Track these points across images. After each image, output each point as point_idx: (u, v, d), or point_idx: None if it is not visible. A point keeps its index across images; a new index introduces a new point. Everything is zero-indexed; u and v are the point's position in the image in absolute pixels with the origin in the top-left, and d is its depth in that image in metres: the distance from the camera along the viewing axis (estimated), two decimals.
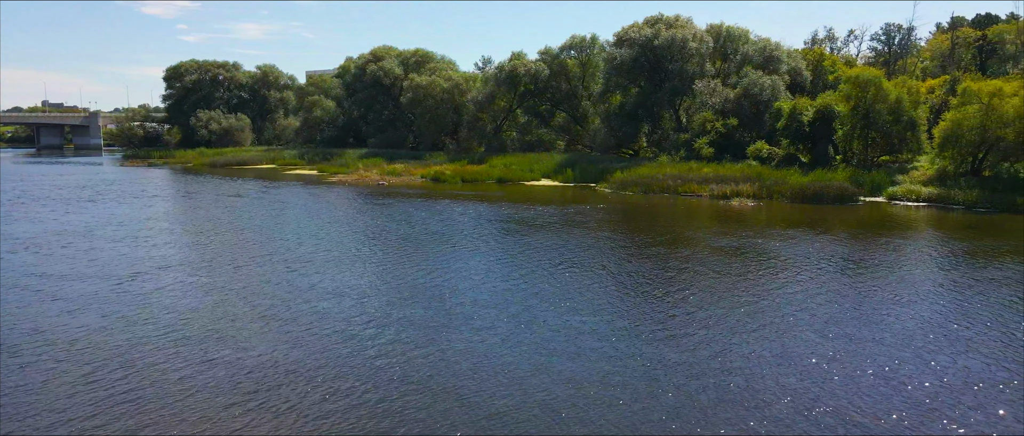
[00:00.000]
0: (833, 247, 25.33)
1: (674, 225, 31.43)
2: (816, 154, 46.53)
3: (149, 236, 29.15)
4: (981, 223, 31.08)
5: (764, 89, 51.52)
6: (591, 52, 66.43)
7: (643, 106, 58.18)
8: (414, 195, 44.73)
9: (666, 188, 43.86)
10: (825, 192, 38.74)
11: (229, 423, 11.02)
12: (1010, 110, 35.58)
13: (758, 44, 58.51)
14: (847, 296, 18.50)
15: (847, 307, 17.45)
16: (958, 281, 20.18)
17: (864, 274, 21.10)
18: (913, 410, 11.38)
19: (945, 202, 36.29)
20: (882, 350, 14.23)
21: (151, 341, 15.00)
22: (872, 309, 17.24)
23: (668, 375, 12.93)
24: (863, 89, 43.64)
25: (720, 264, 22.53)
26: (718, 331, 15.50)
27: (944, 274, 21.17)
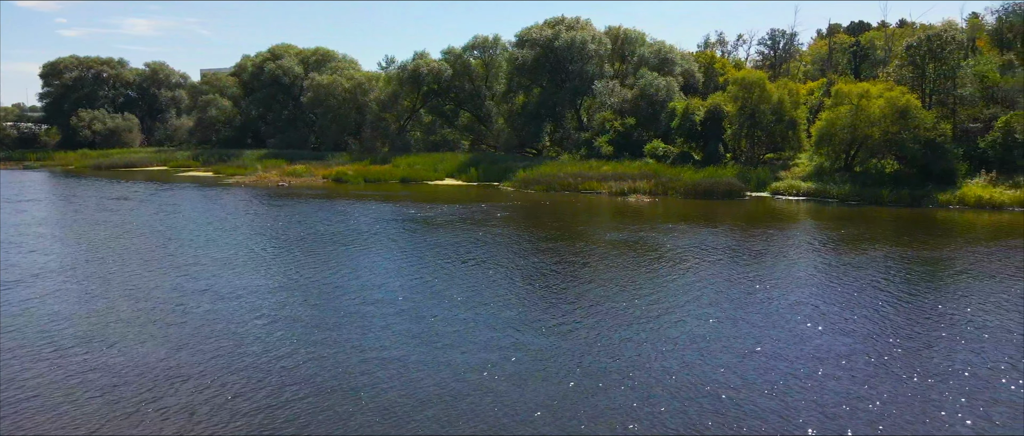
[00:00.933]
0: (722, 239, 26.79)
1: (575, 221, 32.32)
2: (708, 152, 48.84)
3: (25, 241, 27.38)
4: (852, 214, 33.60)
5: (660, 90, 53.61)
6: (494, 52, 67.14)
7: (545, 106, 59.35)
8: (316, 196, 43.91)
9: (568, 186, 44.94)
10: (716, 188, 40.79)
11: (114, 427, 10.67)
12: (876, 110, 38.58)
13: (654, 47, 60.87)
14: (732, 283, 19.67)
15: (731, 293, 18.57)
16: (832, 266, 21.84)
17: (748, 263, 22.47)
18: (784, 383, 12.33)
19: (821, 196, 38.96)
20: (759, 331, 15.28)
21: (31, 348, 14.22)
22: (753, 294, 18.43)
23: (557, 363, 13.44)
24: (749, 90, 46.18)
25: (616, 257, 23.42)
26: (609, 319, 16.19)
27: (819, 261, 22.83)
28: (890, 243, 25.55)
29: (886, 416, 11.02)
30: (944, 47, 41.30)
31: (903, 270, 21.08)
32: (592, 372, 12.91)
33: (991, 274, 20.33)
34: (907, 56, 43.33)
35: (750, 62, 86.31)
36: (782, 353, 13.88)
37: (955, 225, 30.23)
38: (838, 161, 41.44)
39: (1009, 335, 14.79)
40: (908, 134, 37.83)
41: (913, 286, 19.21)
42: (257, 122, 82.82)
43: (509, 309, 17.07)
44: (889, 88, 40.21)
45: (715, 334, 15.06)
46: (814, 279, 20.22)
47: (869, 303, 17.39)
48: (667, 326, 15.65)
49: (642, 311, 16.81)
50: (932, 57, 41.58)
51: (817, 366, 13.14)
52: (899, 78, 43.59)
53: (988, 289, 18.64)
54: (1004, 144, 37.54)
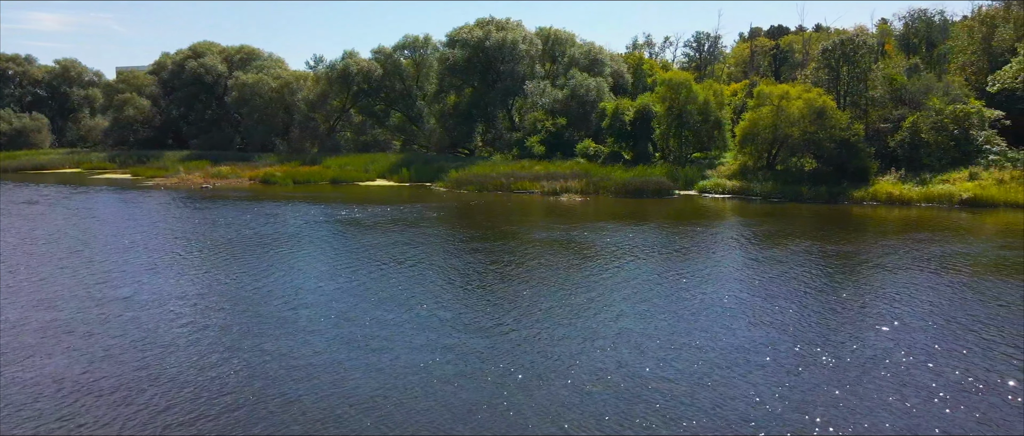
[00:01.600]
0: (652, 237, 27.39)
1: (508, 221, 32.44)
2: (637, 151, 49.81)
3: None
4: (775, 211, 34.89)
5: (590, 90, 54.36)
6: (425, 52, 66.72)
7: (477, 106, 59.37)
8: (243, 198, 42.63)
9: (500, 186, 45.05)
10: (646, 187, 41.67)
11: None
12: (795, 111, 40.19)
13: (584, 48, 61.69)
14: (662, 279, 20.14)
15: (662, 289, 19.01)
16: (756, 261, 22.63)
17: (678, 259, 23.05)
18: (716, 375, 12.71)
19: (746, 194, 40.33)
20: (690, 325, 15.70)
21: None
22: (683, 290, 18.92)
23: (493, 364, 13.48)
24: (676, 91, 47.34)
25: (549, 256, 23.64)
26: (543, 318, 16.33)
27: (744, 256, 23.63)
28: (810, 238, 26.66)
29: (815, 404, 11.50)
30: (856, 51, 43.34)
31: (822, 264, 22.04)
32: (528, 372, 13.00)
33: (903, 267, 21.47)
34: (823, 59, 45.26)
35: (677, 63, 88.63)
36: (713, 346, 14.30)
37: (869, 220, 31.79)
38: (761, 160, 42.96)
39: (923, 323, 15.66)
40: (825, 134, 39.55)
41: (832, 279, 20.11)
42: (178, 122, 79.80)
43: (443, 310, 17.01)
44: (807, 90, 41.94)
45: (647, 330, 15.39)
46: (740, 274, 20.91)
47: (792, 296, 18.11)
48: (600, 323, 15.89)
49: (575, 309, 17.03)
50: (845, 60, 43.59)
51: (746, 357, 13.59)
52: (816, 80, 45.50)
53: (899, 281, 19.68)
54: (911, 143, 39.70)
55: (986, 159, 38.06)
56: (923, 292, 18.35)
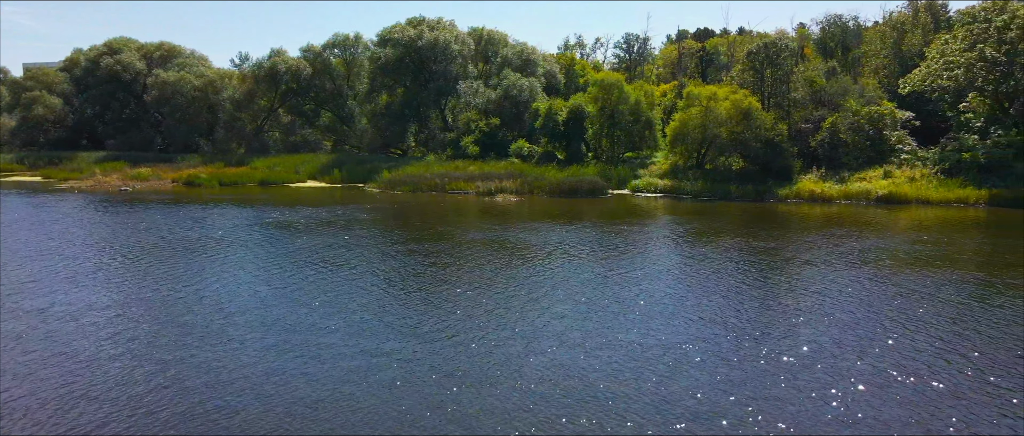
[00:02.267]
0: (587, 236, 27.65)
1: (443, 222, 32.20)
2: (571, 151, 50.31)
3: None
4: (705, 209, 35.80)
5: (523, 90, 54.58)
6: (356, 51, 65.67)
7: (410, 106, 58.82)
8: (165, 201, 40.91)
9: (435, 186, 44.73)
10: (580, 186, 42.11)
11: None
12: (722, 112, 41.38)
13: (516, 48, 61.93)
14: (599, 278, 20.33)
15: (598, 288, 19.18)
16: (688, 258, 23.13)
17: (613, 258, 23.33)
18: (654, 372, 12.88)
19: (677, 192, 41.26)
20: (627, 323, 15.88)
21: None
22: (618, 288, 19.14)
23: (427, 368, 13.30)
24: (608, 92, 48.06)
25: (485, 257, 23.55)
26: (479, 320, 16.23)
27: (676, 254, 24.12)
28: (739, 235, 27.46)
29: (751, 398, 11.79)
30: (779, 54, 44.95)
31: (752, 261, 22.71)
32: (471, 375, 12.88)
33: (826, 262, 22.33)
34: (748, 62, 46.74)
35: (607, 64, 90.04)
36: (650, 343, 14.50)
37: (793, 217, 32.99)
38: (691, 159, 44.03)
39: (849, 317, 16.30)
40: (751, 134, 40.86)
41: (761, 275, 20.73)
42: (93, 122, 75.95)
43: (382, 315, 16.70)
44: (734, 91, 43.23)
45: (586, 328, 15.49)
46: (674, 272, 21.32)
47: (724, 292, 18.58)
48: (540, 324, 15.91)
49: (515, 310, 17.00)
50: (769, 63, 45.14)
51: (685, 353, 13.84)
52: (741, 82, 46.96)
53: (824, 276, 20.45)
54: (831, 143, 41.45)
55: (899, 158, 40.07)
56: (847, 286, 19.11)
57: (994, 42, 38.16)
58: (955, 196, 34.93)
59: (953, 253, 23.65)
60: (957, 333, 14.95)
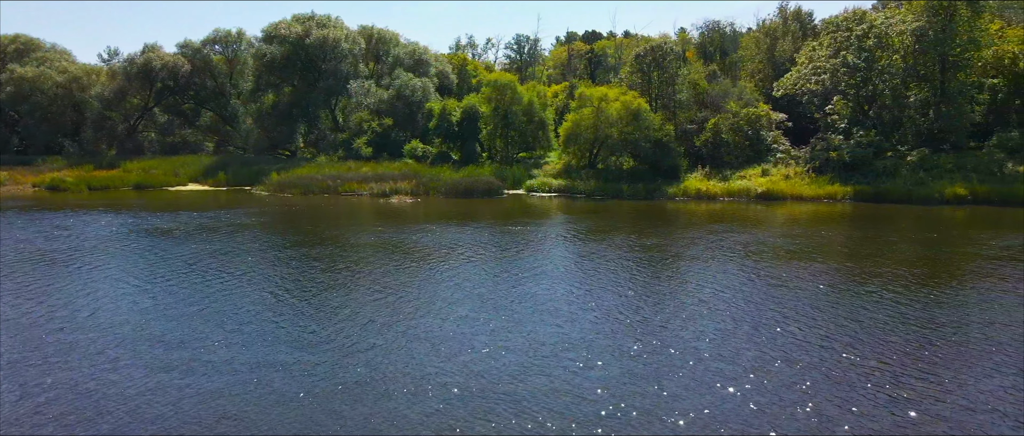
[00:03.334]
0: (483, 236, 27.60)
1: (337, 225, 31.26)
2: (466, 151, 50.23)
3: None
4: (598, 208, 36.63)
5: (416, 91, 54.00)
6: (239, 48, 62.79)
7: (298, 106, 56.92)
8: (25, 207, 37.50)
9: (326, 188, 43.48)
10: (475, 187, 42.08)
11: None
12: (613, 113, 42.52)
13: (408, 47, 61.22)
14: (496, 278, 20.30)
15: (494, 288, 19.14)
16: (582, 256, 23.52)
17: (508, 258, 23.38)
18: (544, 369, 12.94)
19: (571, 192, 42.03)
20: (521, 324, 15.91)
21: None
22: (513, 287, 19.17)
23: (315, 378, 12.82)
24: (501, 92, 48.31)
25: (381, 260, 23.02)
26: (371, 326, 15.82)
27: (570, 252, 24.49)
28: (630, 233, 28.24)
29: (654, 390, 12.06)
30: (665, 57, 46.69)
31: (643, 257, 23.38)
32: (369, 383, 12.48)
33: (712, 257, 23.31)
34: (636, 64, 48.25)
35: (499, 65, 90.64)
36: (547, 342, 14.58)
37: (681, 214, 34.31)
38: (584, 159, 44.96)
39: (735, 307, 17.05)
40: (641, 134, 42.19)
41: (652, 270, 21.38)
42: None
43: (273, 324, 15.94)
44: (623, 92, 44.50)
45: (485, 330, 15.40)
46: (569, 270, 21.62)
47: (616, 288, 19.00)
48: (437, 327, 15.67)
49: (411, 314, 16.67)
50: (656, 66, 46.80)
51: (583, 349, 14.00)
52: (630, 84, 48.42)
53: (710, 270, 21.34)
54: (714, 143, 43.48)
55: (775, 157, 42.55)
56: (732, 278, 20.01)
57: (855, 50, 41.23)
58: (825, 192, 37.45)
59: (824, 245, 25.31)
60: (832, 319, 15.94)
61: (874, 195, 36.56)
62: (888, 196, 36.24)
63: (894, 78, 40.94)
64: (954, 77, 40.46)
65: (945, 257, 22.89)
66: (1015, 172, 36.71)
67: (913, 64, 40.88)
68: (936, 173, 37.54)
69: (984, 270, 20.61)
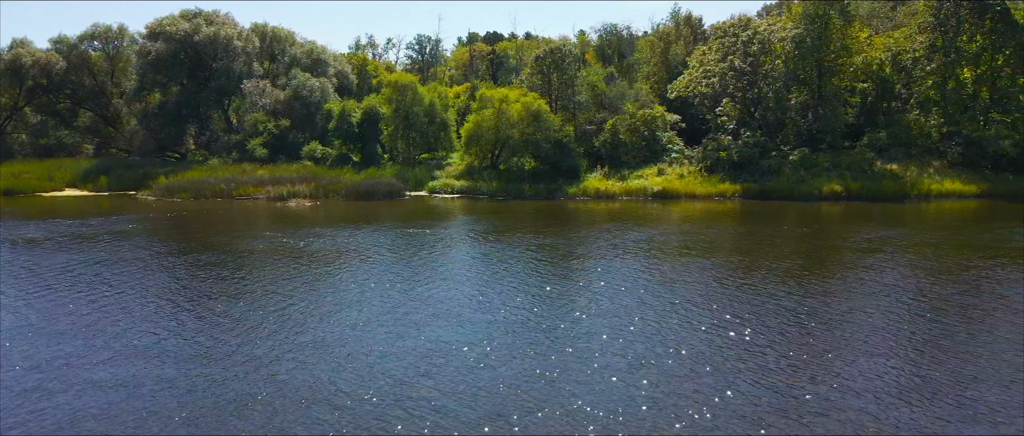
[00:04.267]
0: (386, 239, 27.21)
1: (230, 230, 30.01)
2: (366, 153, 49.35)
3: None
4: (500, 209, 36.85)
5: (314, 91, 52.56)
6: (120, 45, 59.13)
7: (187, 106, 54.25)
8: None
9: (220, 192, 41.68)
10: (377, 189, 41.43)
11: None
12: (514, 114, 42.88)
13: (305, 47, 59.49)
14: (394, 281, 20.05)
15: (392, 291, 18.92)
16: (485, 256, 23.62)
17: (409, 260, 23.16)
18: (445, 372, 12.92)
19: (473, 192, 42.08)
20: (415, 325, 15.80)
21: None
22: (413, 289, 19.01)
23: (199, 394, 12.32)
24: (402, 93, 47.76)
25: (278, 266, 22.29)
26: (257, 335, 15.32)
27: (473, 253, 24.54)
28: (532, 233, 28.58)
29: (555, 385, 12.23)
30: (564, 59, 47.52)
31: (544, 256, 23.71)
32: (253, 399, 12.05)
33: (611, 254, 23.93)
34: (536, 66, 48.86)
35: (400, 66, 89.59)
36: (449, 344, 14.54)
37: (582, 213, 35.02)
38: (486, 160, 45.11)
39: (634, 300, 17.56)
40: (541, 135, 42.74)
41: (547, 270, 21.72)
42: None
43: (154, 338, 15.13)
44: (524, 94, 44.96)
45: (375, 336, 15.19)
46: (470, 271, 21.65)
47: (512, 289, 19.19)
48: (335, 334, 15.34)
49: (297, 321, 16.25)
50: (555, 68, 47.55)
51: (483, 349, 14.04)
52: (531, 85, 48.97)
53: (610, 268, 21.90)
54: (612, 143, 44.62)
55: (670, 157, 44.13)
56: (632, 274, 20.60)
57: (741, 55, 43.36)
58: (716, 190, 39.17)
59: (715, 240, 26.48)
60: (719, 310, 16.68)
61: (760, 192, 38.54)
62: (773, 193, 38.30)
63: (777, 82, 43.29)
64: (829, 81, 43.27)
65: (822, 250, 24.45)
66: (883, 170, 39.63)
67: (793, 69, 43.35)
68: (815, 171, 39.98)
69: (855, 262, 22.13)
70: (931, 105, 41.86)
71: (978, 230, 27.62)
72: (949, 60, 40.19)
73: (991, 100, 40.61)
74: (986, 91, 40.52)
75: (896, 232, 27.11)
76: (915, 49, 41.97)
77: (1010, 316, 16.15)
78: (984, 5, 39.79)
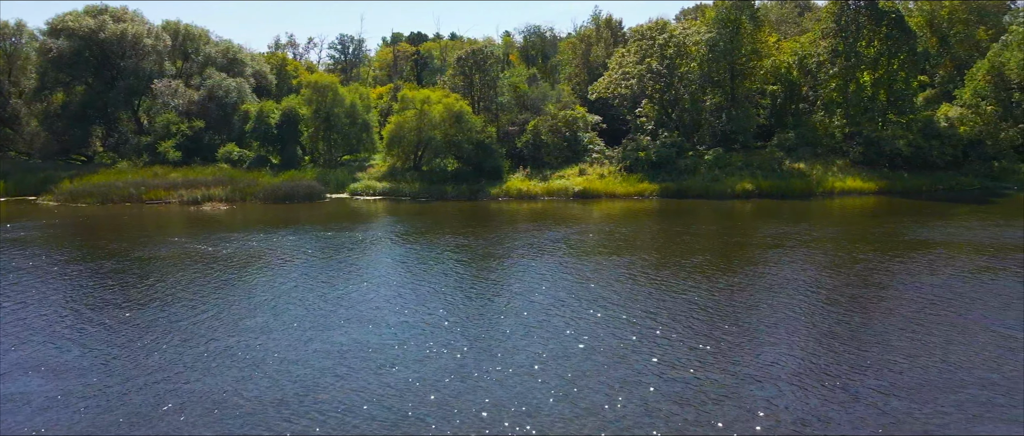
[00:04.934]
0: (303, 242, 26.69)
1: (137, 236, 28.83)
2: (286, 155, 48.23)
3: None
4: (422, 210, 36.70)
5: (230, 91, 51.03)
6: (18, 42, 55.79)
7: (93, 106, 51.72)
8: None
9: (129, 196, 39.97)
10: (295, 191, 40.56)
11: None
12: (436, 115, 42.76)
13: (220, 46, 57.64)
14: (310, 285, 19.74)
15: (308, 295, 18.62)
16: (406, 258, 23.51)
17: (326, 264, 22.81)
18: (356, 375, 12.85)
19: (396, 194, 41.74)
20: (332, 330, 15.64)
21: None
22: (329, 293, 18.77)
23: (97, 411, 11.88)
24: (322, 94, 46.95)
25: (178, 272, 21.58)
26: (151, 345, 14.87)
27: (393, 255, 24.38)
28: (454, 233, 28.60)
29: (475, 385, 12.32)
30: (486, 61, 47.70)
31: (466, 257, 23.79)
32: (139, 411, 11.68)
33: (529, 255, 24.21)
34: (458, 67, 48.85)
35: (322, 66, 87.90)
36: (362, 348, 14.44)
37: (504, 213, 35.25)
38: (408, 161, 44.79)
39: (553, 298, 17.84)
40: (463, 136, 42.77)
41: (467, 270, 21.82)
42: None
43: (39, 350, 14.42)
44: (446, 95, 44.88)
45: (285, 340, 14.97)
46: (389, 273, 21.52)
47: (430, 290, 19.21)
48: (233, 341, 15.01)
49: (205, 330, 15.83)
50: (477, 69, 47.68)
51: (381, 354, 14.01)
52: (453, 86, 48.94)
53: (524, 267, 22.17)
54: (534, 144, 45.07)
55: (590, 157, 44.93)
56: (547, 275, 20.91)
57: (658, 57, 44.56)
58: (635, 189, 40.12)
59: (632, 238, 27.15)
60: (632, 306, 17.15)
61: (677, 191, 39.71)
62: (689, 192, 39.53)
63: (692, 84, 44.69)
64: (741, 84, 44.97)
65: (731, 247, 25.42)
66: (791, 168, 41.48)
67: (708, 72, 44.85)
68: (729, 170, 41.49)
69: (760, 257, 23.13)
70: (834, 107, 44.06)
71: (873, 225, 29.31)
72: (850, 64, 42.41)
73: (888, 102, 43.07)
74: (883, 94, 42.95)
75: (800, 228, 28.45)
76: (819, 53, 44.11)
77: (896, 305, 17.24)
78: (880, 12, 42.20)
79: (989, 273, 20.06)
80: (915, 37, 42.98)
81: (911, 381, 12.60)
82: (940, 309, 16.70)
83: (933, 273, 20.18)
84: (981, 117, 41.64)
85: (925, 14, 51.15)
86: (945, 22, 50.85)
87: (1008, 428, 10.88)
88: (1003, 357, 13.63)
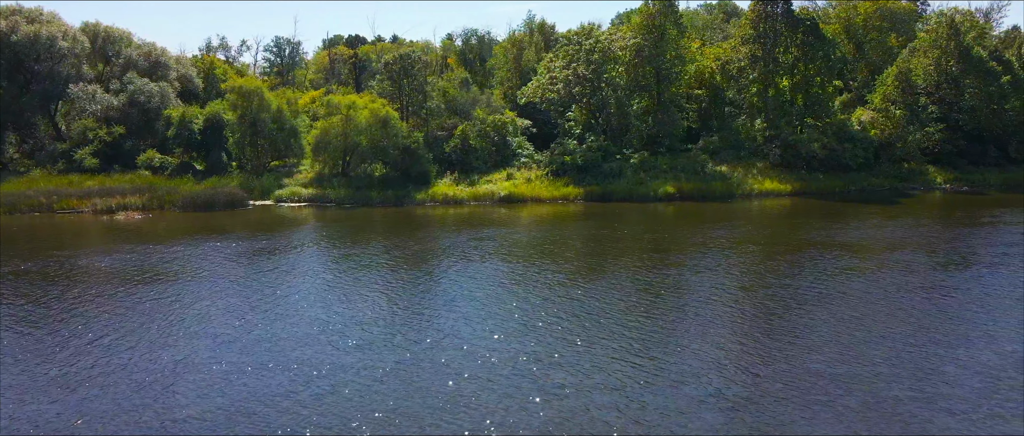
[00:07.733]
0: (209, 251, 26.11)
1: (41, 250, 27.77)
2: (211, 162, 47.11)
3: None
4: (348, 216, 36.33)
5: (153, 96, 49.62)
6: None
7: (8, 112, 49.60)
8: None
9: (39, 206, 38.49)
10: (217, 199, 39.67)
11: None
12: (362, 120, 42.38)
13: (144, 49, 55.97)
14: (224, 297, 19.34)
15: (223, 308, 18.25)
16: (327, 266, 23.24)
17: (225, 275, 22.38)
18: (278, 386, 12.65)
19: (322, 200, 41.21)
20: (274, 337, 15.37)
21: None
22: (244, 304, 18.43)
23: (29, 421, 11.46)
24: (248, 99, 45.97)
25: (80, 288, 20.90)
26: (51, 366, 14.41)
27: (314, 263, 24.07)
28: (378, 240, 28.45)
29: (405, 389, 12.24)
30: (413, 66, 47.50)
31: (390, 264, 23.65)
32: None
33: (458, 259, 24.22)
34: (386, 72, 48.51)
35: (258, 69, 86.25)
36: (282, 361, 14.22)
37: (429, 219, 35.15)
38: (335, 167, 44.26)
39: (477, 305, 17.86)
40: (390, 142, 42.49)
41: (400, 278, 21.70)
42: None
43: None
44: (372, 100, 44.53)
45: (212, 355, 14.67)
46: (310, 282, 21.24)
47: (343, 299, 19.07)
48: (154, 356, 14.63)
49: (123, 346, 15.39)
50: (404, 74, 47.44)
51: (284, 370, 13.84)
52: (381, 91, 48.59)
53: (456, 272, 22.17)
54: (463, 149, 45.05)
55: (519, 161, 45.17)
56: (476, 278, 20.95)
57: (585, 63, 45.09)
58: (561, 193, 40.50)
59: (555, 243, 27.40)
60: (562, 308, 17.31)
61: (602, 195, 40.23)
62: (614, 195, 40.09)
63: (619, 89, 45.34)
64: (668, 88, 45.84)
65: (652, 250, 25.88)
66: (714, 171, 42.48)
67: (635, 76, 45.57)
68: (654, 173, 42.24)
69: (681, 261, 23.62)
70: (755, 111, 45.30)
71: (786, 226, 30.29)
72: (768, 70, 43.69)
73: (805, 106, 44.49)
74: (800, 98, 44.35)
75: (720, 229, 29.16)
76: (740, 59, 45.28)
77: (802, 305, 17.87)
78: (796, 20, 43.58)
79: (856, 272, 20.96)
80: (830, 44, 44.48)
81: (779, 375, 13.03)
82: (829, 306, 17.36)
83: (821, 273, 20.96)
84: (891, 121, 43.37)
85: (842, 21, 53.03)
86: (861, 29, 52.81)
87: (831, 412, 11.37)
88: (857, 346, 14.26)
